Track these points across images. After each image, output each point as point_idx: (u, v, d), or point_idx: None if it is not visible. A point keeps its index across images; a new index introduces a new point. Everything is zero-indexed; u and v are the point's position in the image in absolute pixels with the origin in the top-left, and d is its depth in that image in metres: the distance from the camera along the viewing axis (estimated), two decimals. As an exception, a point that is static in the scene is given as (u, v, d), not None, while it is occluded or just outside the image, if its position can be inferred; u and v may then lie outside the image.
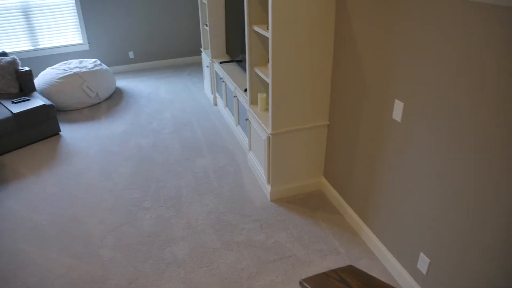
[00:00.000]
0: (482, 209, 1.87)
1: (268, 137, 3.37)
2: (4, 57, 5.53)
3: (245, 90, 4.06)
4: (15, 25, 7.10)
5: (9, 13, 7.01)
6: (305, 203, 3.58)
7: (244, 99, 4.07)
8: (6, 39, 7.13)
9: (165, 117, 5.42)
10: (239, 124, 4.57)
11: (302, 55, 3.11)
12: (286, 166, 3.53)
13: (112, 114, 5.64)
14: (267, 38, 3.61)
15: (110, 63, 7.55)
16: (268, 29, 3.19)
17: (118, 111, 5.74)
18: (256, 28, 3.46)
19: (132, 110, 5.72)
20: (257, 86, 3.80)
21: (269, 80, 3.22)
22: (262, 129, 3.50)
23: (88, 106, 5.97)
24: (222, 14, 5.28)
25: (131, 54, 7.63)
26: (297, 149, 3.49)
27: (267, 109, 3.68)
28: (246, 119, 3.92)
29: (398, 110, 2.42)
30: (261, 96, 3.66)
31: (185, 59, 7.87)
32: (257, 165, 3.86)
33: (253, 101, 3.85)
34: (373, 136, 2.76)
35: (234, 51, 5.01)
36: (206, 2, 5.26)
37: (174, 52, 7.79)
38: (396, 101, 2.42)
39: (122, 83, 6.96)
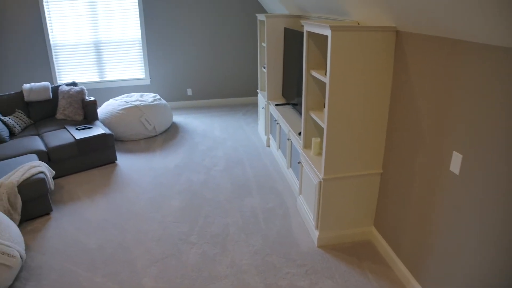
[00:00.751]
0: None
1: (320, 182, 3.34)
2: (74, 87, 5.90)
3: (299, 134, 4.08)
4: (87, 59, 7.60)
5: (83, 47, 7.54)
6: (353, 251, 3.48)
7: (298, 142, 4.08)
8: (77, 71, 7.64)
9: (218, 154, 5.51)
10: (290, 166, 4.57)
11: (359, 102, 3.11)
12: (336, 213, 3.47)
13: (167, 148, 5.81)
14: (324, 83, 3.64)
15: (169, 98, 7.85)
16: (325, 74, 3.23)
17: (173, 145, 5.91)
18: (314, 73, 3.51)
19: (186, 146, 5.87)
20: (312, 130, 3.81)
21: (324, 125, 3.22)
22: (314, 174, 3.48)
23: (144, 138, 6.20)
24: (281, 57, 5.40)
25: (189, 91, 7.91)
26: (348, 196, 3.42)
27: (320, 154, 3.67)
28: (299, 162, 3.92)
29: (456, 162, 2.34)
30: (315, 141, 3.66)
31: (241, 99, 8.05)
32: (306, 209, 3.82)
33: (307, 145, 3.85)
34: (428, 188, 2.67)
35: (290, 94, 5.08)
36: (265, 45, 5.41)
37: (230, 92, 8.00)
38: (455, 152, 2.34)
39: (178, 118, 7.20)
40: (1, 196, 3.72)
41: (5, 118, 5.39)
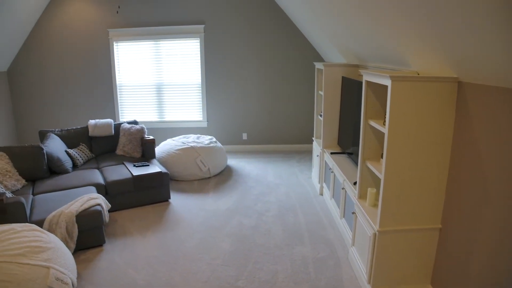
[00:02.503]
0: None
1: (375, 234, 3.22)
2: (135, 125, 6.15)
3: (355, 183, 3.99)
4: (148, 99, 7.97)
5: (146, 88, 7.92)
6: (407, 313, 3.27)
7: (353, 192, 3.99)
8: (139, 110, 8.01)
9: (270, 200, 5.48)
10: (344, 216, 4.45)
11: (418, 154, 3.02)
12: (390, 267, 3.30)
13: (220, 190, 5.85)
14: (382, 133, 3.58)
15: (224, 141, 7.99)
16: (384, 124, 3.18)
17: (225, 188, 5.96)
18: (372, 123, 3.46)
19: (239, 189, 5.89)
20: (368, 180, 3.72)
21: (381, 176, 3.14)
22: (368, 225, 3.36)
23: (198, 179, 6.29)
24: (337, 106, 5.39)
25: (244, 136, 8.03)
26: (404, 251, 3.26)
27: (376, 205, 3.56)
28: (353, 213, 3.81)
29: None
30: (371, 191, 3.56)
31: (295, 146, 8.06)
32: (358, 261, 3.67)
33: (362, 195, 3.75)
34: (496, 247, 2.49)
35: (345, 143, 5.03)
36: (322, 93, 5.44)
37: (285, 138, 8.04)
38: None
39: (232, 161, 7.29)
40: (61, 224, 3.86)
41: (70, 151, 5.68)
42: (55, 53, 8.05)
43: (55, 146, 5.46)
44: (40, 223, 3.88)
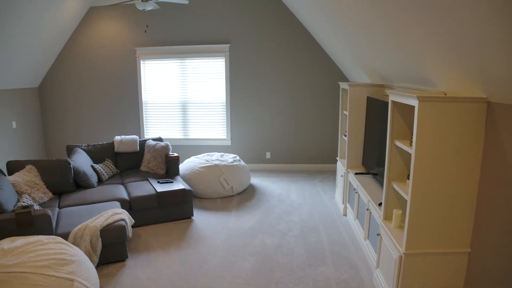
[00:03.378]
0: None
1: (400, 257, 3.14)
2: (159, 142, 6.23)
3: (380, 204, 3.93)
4: (173, 117, 8.09)
5: (171, 106, 8.04)
6: None
7: (377, 213, 3.93)
8: (164, 127, 8.13)
9: (293, 219, 5.44)
10: (368, 238, 4.37)
11: (446, 175, 2.96)
12: (417, 292, 3.21)
13: (243, 209, 5.84)
14: (408, 154, 3.53)
15: (248, 160, 8.00)
16: (411, 145, 3.14)
17: (248, 206, 5.94)
18: (398, 143, 3.43)
19: (262, 208, 5.86)
20: (393, 202, 3.66)
21: (407, 197, 3.09)
22: (394, 247, 3.29)
23: (221, 197, 6.30)
24: (362, 126, 5.35)
25: (268, 155, 8.03)
26: (431, 275, 3.17)
27: (401, 227, 3.49)
28: (378, 234, 3.74)
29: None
30: (396, 213, 3.50)
31: (319, 165, 8.01)
32: (383, 284, 3.59)
33: (387, 217, 3.69)
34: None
35: (370, 164, 4.97)
36: (347, 113, 5.42)
37: (309, 158, 8.01)
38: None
39: (256, 180, 7.28)
40: (85, 238, 3.90)
41: (96, 165, 5.77)
42: (84, 70, 8.28)
43: (82, 161, 5.56)
44: (65, 236, 3.94)
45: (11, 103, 7.62)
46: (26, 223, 3.74)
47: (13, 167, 5.07)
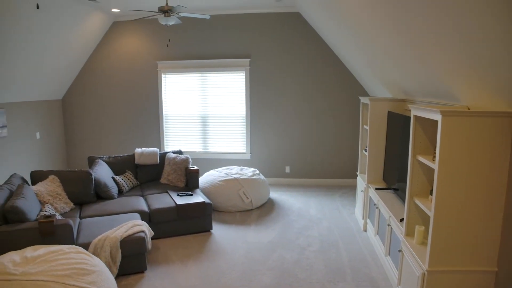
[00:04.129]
0: None
1: (423, 274, 3.08)
2: (180, 155, 6.28)
3: (401, 220, 3.87)
4: (193, 130, 8.15)
5: (191, 120, 8.11)
6: None
7: (399, 229, 3.86)
8: (184, 140, 8.19)
9: (312, 234, 5.38)
10: (389, 254, 4.29)
11: (470, 190, 2.90)
12: (440, 311, 3.13)
13: (262, 223, 5.81)
14: (430, 169, 3.48)
15: (267, 174, 7.99)
16: (433, 160, 3.09)
17: (267, 220, 5.91)
18: (420, 158, 3.38)
19: (281, 222, 5.83)
20: (415, 217, 3.60)
21: (430, 213, 3.04)
22: (416, 264, 3.23)
23: (240, 211, 6.29)
24: (383, 141, 5.30)
25: (287, 169, 8.00)
26: (455, 294, 3.10)
27: (424, 243, 3.42)
28: (399, 251, 3.68)
29: None
30: (419, 229, 3.44)
31: (338, 180, 7.94)
32: (404, 303, 3.52)
33: (409, 233, 3.62)
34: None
35: (391, 179, 4.91)
36: (367, 128, 5.38)
37: (329, 173, 7.95)
38: None
39: (275, 194, 7.25)
40: (105, 248, 3.93)
41: (117, 177, 5.83)
42: (106, 83, 8.43)
43: (103, 172, 5.62)
44: (85, 246, 3.97)
45: (36, 114, 7.80)
46: (48, 232, 3.79)
47: (37, 177, 5.17)
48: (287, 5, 7.32)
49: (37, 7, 3.47)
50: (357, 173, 6.09)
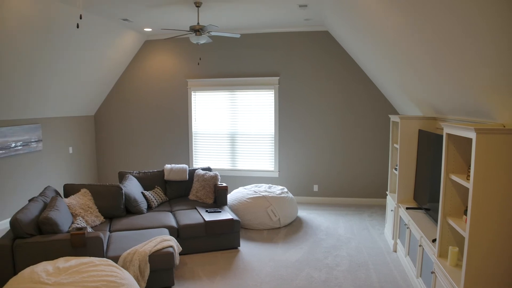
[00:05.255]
0: None
1: (458, 297, 2.98)
2: (209, 172, 6.30)
3: (433, 241, 3.77)
4: (222, 147, 8.20)
5: (220, 137, 8.17)
6: None
7: (431, 250, 3.76)
8: (213, 157, 8.24)
9: (341, 254, 5.30)
10: (420, 276, 4.18)
11: (507, 210, 2.81)
12: (475, 336, 3.02)
13: (290, 241, 5.76)
14: (464, 188, 3.40)
15: (295, 192, 7.95)
16: (467, 179, 3.02)
17: (295, 239, 5.86)
18: (454, 177, 3.31)
19: (310, 241, 5.76)
20: (448, 238, 3.50)
21: (465, 234, 2.95)
22: (450, 287, 3.13)
23: (268, 229, 6.25)
24: (413, 159, 5.21)
25: (315, 187, 7.94)
26: (491, 319, 2.98)
27: (458, 265, 3.32)
28: (432, 272, 3.58)
29: None
30: (452, 250, 3.34)
31: (367, 200, 7.83)
32: (437, 327, 3.40)
33: (442, 254, 3.53)
34: None
35: (422, 198, 4.81)
36: (397, 146, 5.30)
37: (357, 192, 7.85)
38: None
39: (303, 213, 7.19)
40: (134, 262, 3.96)
41: (146, 192, 5.90)
42: (137, 100, 8.62)
43: (133, 187, 5.71)
44: (115, 259, 4.02)
45: (69, 129, 8.04)
46: (80, 244, 3.85)
47: (69, 190, 5.29)
48: (316, 24, 7.37)
49: (77, 27, 3.58)
50: (387, 192, 5.99)
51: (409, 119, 5.21)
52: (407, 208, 4.95)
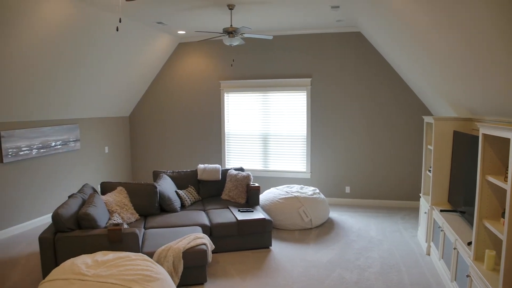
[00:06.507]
0: None
1: (494, 301, 2.93)
2: (241, 172, 6.37)
3: (469, 244, 3.71)
4: (254, 148, 8.25)
5: (252, 138, 8.23)
6: None
7: (466, 253, 3.70)
8: (244, 158, 8.30)
9: (373, 256, 5.26)
10: (455, 280, 4.11)
11: (549, 214, 2.75)
12: None
13: (321, 242, 5.76)
14: (502, 190, 3.33)
15: (327, 194, 7.92)
16: (505, 180, 2.97)
17: (327, 240, 5.85)
18: (491, 179, 3.25)
19: (341, 242, 5.74)
20: (485, 241, 3.44)
21: (503, 237, 2.89)
22: (486, 290, 3.08)
23: (299, 229, 6.26)
24: (448, 161, 5.12)
25: (347, 189, 7.90)
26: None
27: (495, 269, 3.25)
28: (467, 276, 3.52)
29: None
30: (489, 253, 3.28)
31: (399, 202, 7.73)
32: (472, 331, 3.34)
33: (478, 257, 3.46)
34: None
35: (457, 201, 4.72)
36: (431, 148, 5.23)
37: (389, 194, 7.76)
38: None
39: (334, 214, 7.17)
40: (168, 258, 4.06)
41: (180, 191, 6.02)
42: (170, 101, 8.79)
43: (167, 186, 5.83)
44: (150, 255, 4.13)
45: (105, 130, 8.28)
46: (116, 239, 3.98)
47: (106, 187, 5.46)
48: (348, 25, 7.34)
49: (117, 30, 3.70)
50: (420, 194, 5.91)
51: (444, 120, 5.13)
52: (441, 211, 4.87)
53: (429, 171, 5.54)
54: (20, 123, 6.20)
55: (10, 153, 5.95)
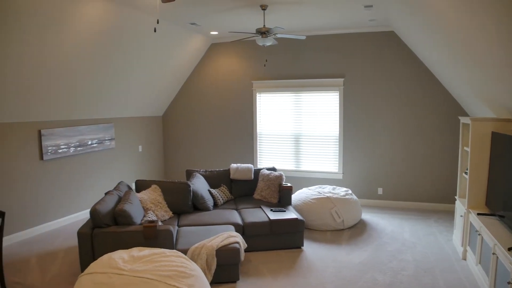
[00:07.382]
0: None
1: (536, 306, 2.84)
2: (273, 172, 6.39)
3: (509, 249, 3.60)
4: (286, 148, 8.26)
5: (284, 138, 8.24)
6: None
7: (507, 259, 3.59)
8: (276, 158, 8.33)
9: (406, 258, 5.18)
10: (494, 286, 3.99)
11: None
12: None
13: (353, 243, 5.71)
14: (545, 194, 3.22)
15: (359, 195, 7.85)
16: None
17: (359, 241, 5.80)
18: (533, 182, 3.15)
19: (374, 244, 5.68)
20: (525, 246, 3.34)
21: (544, 240, 2.80)
22: (527, 295, 2.98)
23: (331, 230, 6.23)
24: (486, 163, 4.99)
25: (380, 191, 7.80)
26: None
27: (536, 274, 3.16)
28: (509, 283, 3.42)
29: None
30: (529, 257, 3.18)
31: (433, 204, 7.57)
32: (511, 337, 3.25)
33: (518, 262, 3.37)
34: None
35: (495, 204, 4.59)
36: (468, 149, 5.11)
37: (423, 196, 7.62)
38: None
39: (366, 215, 7.09)
40: (202, 256, 4.12)
41: (213, 190, 6.09)
42: (203, 101, 8.91)
43: (200, 185, 5.90)
44: (183, 252, 4.21)
45: (139, 129, 8.46)
46: (151, 235, 4.07)
47: (141, 185, 5.58)
48: (380, 24, 7.25)
49: (155, 31, 3.79)
50: (456, 197, 5.78)
51: (481, 121, 5.00)
52: (478, 214, 4.75)
53: (466, 173, 5.41)
54: (59, 122, 6.41)
55: (49, 150, 6.16)
